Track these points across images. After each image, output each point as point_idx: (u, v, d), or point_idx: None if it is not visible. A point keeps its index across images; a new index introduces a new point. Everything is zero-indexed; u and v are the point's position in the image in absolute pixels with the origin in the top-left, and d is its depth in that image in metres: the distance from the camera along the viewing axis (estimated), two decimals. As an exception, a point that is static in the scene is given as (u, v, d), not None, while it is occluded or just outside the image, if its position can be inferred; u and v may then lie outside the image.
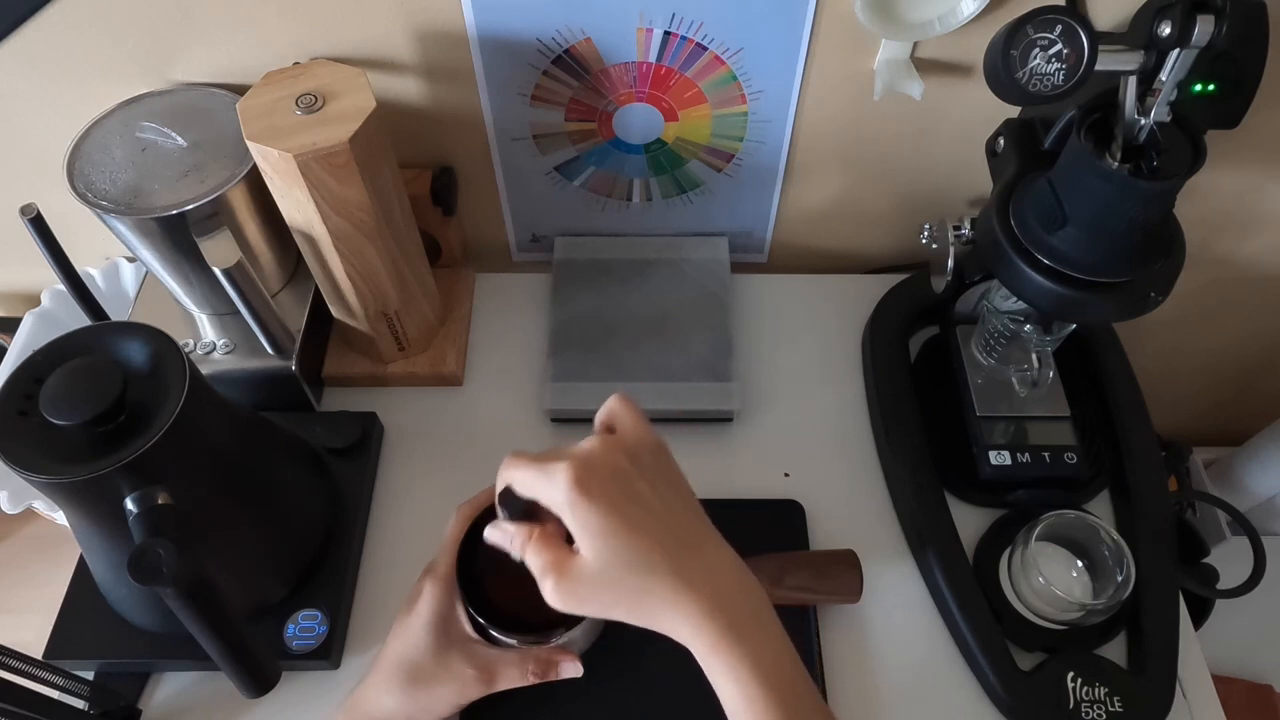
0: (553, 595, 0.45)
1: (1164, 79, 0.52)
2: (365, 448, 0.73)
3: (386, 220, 0.65)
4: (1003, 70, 0.50)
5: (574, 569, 0.44)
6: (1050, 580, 0.62)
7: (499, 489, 0.48)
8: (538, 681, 0.55)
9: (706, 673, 0.44)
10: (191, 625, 0.49)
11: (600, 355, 0.78)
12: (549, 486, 0.44)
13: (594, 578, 0.44)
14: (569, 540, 0.45)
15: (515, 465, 0.46)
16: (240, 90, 0.63)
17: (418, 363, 0.78)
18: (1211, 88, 0.54)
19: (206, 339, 0.73)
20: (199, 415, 0.52)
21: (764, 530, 0.69)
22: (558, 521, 0.46)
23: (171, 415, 0.49)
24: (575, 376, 0.76)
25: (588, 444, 0.46)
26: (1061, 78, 0.51)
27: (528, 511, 0.47)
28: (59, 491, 0.49)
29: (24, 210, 0.60)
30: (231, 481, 0.58)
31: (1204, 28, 0.49)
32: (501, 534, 0.48)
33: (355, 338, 0.77)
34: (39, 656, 0.60)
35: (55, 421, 0.48)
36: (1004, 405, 0.72)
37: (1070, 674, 0.62)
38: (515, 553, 0.47)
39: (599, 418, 0.49)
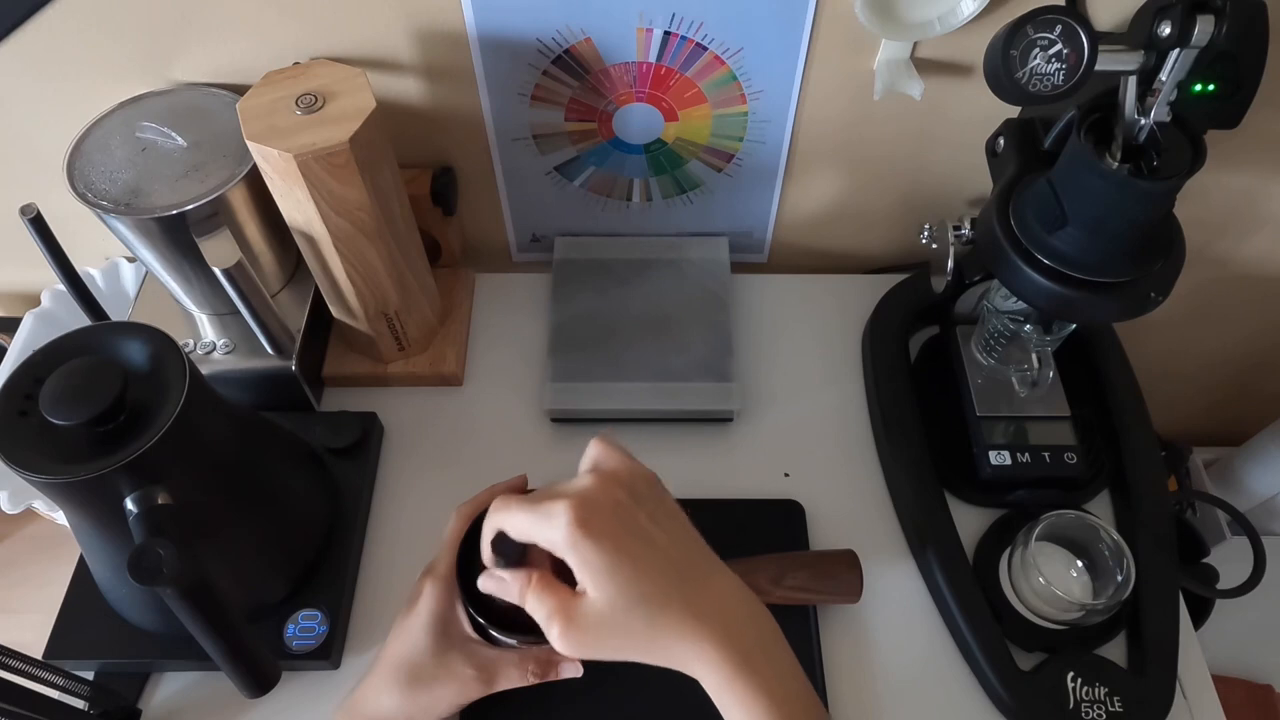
0: (560, 642, 0.43)
1: (1164, 79, 0.52)
2: (365, 448, 0.73)
3: (386, 220, 0.65)
4: (1003, 70, 0.50)
5: (581, 613, 0.43)
6: (1050, 580, 0.62)
7: (489, 535, 0.46)
8: (538, 681, 0.55)
9: (719, 706, 0.44)
10: (191, 625, 0.49)
11: (600, 355, 0.78)
12: (548, 528, 0.43)
13: (602, 619, 0.43)
14: (565, 580, 0.44)
15: (507, 510, 0.44)
16: (240, 90, 0.63)
17: (418, 363, 0.79)
18: (1211, 88, 0.54)
19: (206, 339, 0.73)
20: (199, 415, 0.52)
21: (764, 530, 0.70)
22: (551, 564, 0.45)
23: (171, 415, 0.49)
24: (575, 376, 0.76)
25: (583, 481, 0.45)
26: (1061, 78, 0.51)
27: (522, 556, 0.46)
28: (59, 491, 0.49)
29: (24, 210, 0.60)
30: (231, 481, 0.58)
31: (1204, 28, 0.49)
32: (498, 583, 0.47)
33: (355, 338, 0.77)
34: (39, 656, 0.60)
35: (55, 421, 0.48)
36: (1004, 405, 0.72)
37: (1070, 674, 0.62)
38: (515, 600, 0.46)
39: (584, 463, 0.48)
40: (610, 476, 0.45)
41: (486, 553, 0.47)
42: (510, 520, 0.44)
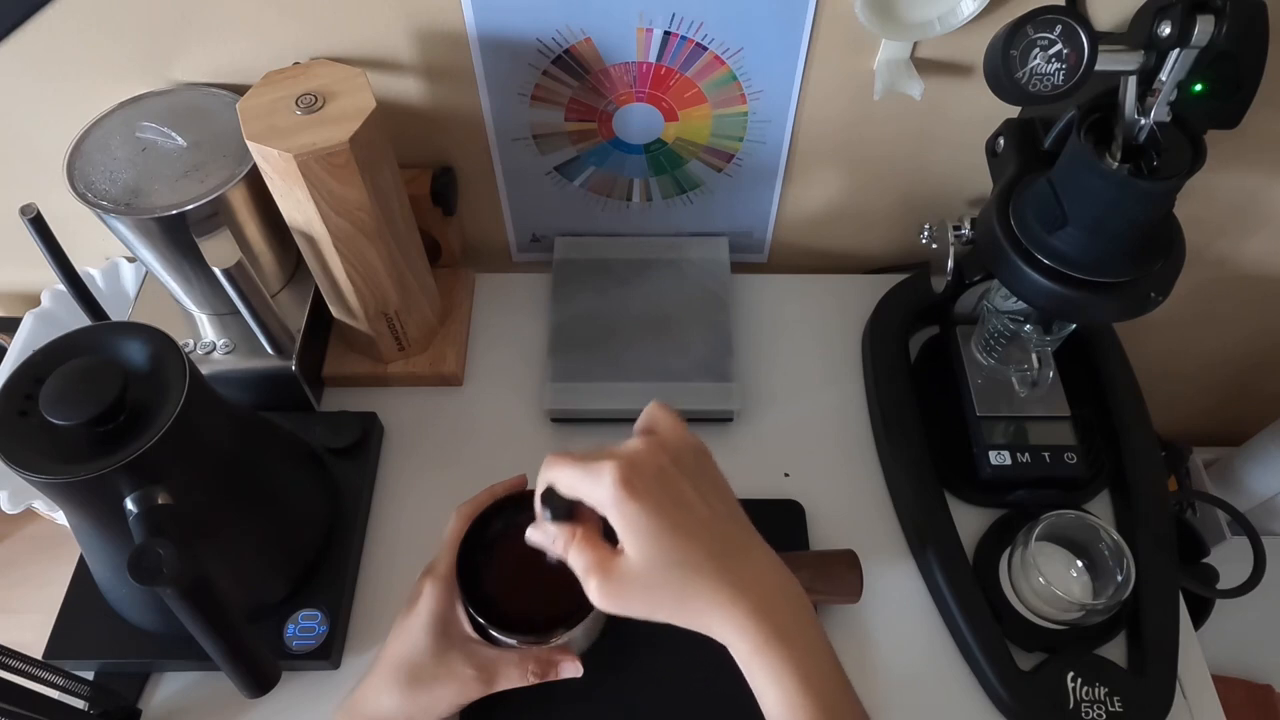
0: (597, 595, 0.44)
1: (1164, 79, 0.52)
2: (365, 448, 0.73)
3: (386, 220, 0.65)
4: (1003, 70, 0.50)
5: (618, 569, 0.44)
6: (1050, 580, 0.62)
7: (540, 489, 0.47)
8: (538, 681, 0.55)
9: (748, 676, 0.44)
10: (191, 625, 0.49)
11: (600, 355, 0.78)
12: (594, 486, 0.44)
13: (638, 578, 0.44)
14: (611, 541, 0.45)
15: (558, 465, 0.45)
16: (240, 90, 0.63)
17: (418, 363, 0.78)
18: (1211, 88, 0.54)
19: (206, 339, 0.73)
20: (199, 415, 0.52)
21: (764, 530, 0.69)
22: (596, 522, 0.45)
23: (171, 415, 0.49)
24: (575, 376, 0.76)
25: (632, 444, 0.46)
26: (1061, 78, 0.51)
27: (570, 512, 0.47)
28: (59, 491, 0.49)
29: (24, 210, 0.60)
30: (231, 481, 0.58)
31: (1204, 28, 0.49)
32: (544, 534, 0.47)
33: (355, 338, 0.77)
34: (39, 656, 0.60)
35: (55, 421, 0.48)
36: (1004, 405, 0.72)
37: (1070, 674, 0.62)
38: (557, 553, 0.47)
39: (639, 424, 0.49)
40: (659, 442, 0.46)
41: (537, 506, 0.48)
42: (560, 475, 0.45)
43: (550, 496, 0.47)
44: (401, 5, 0.66)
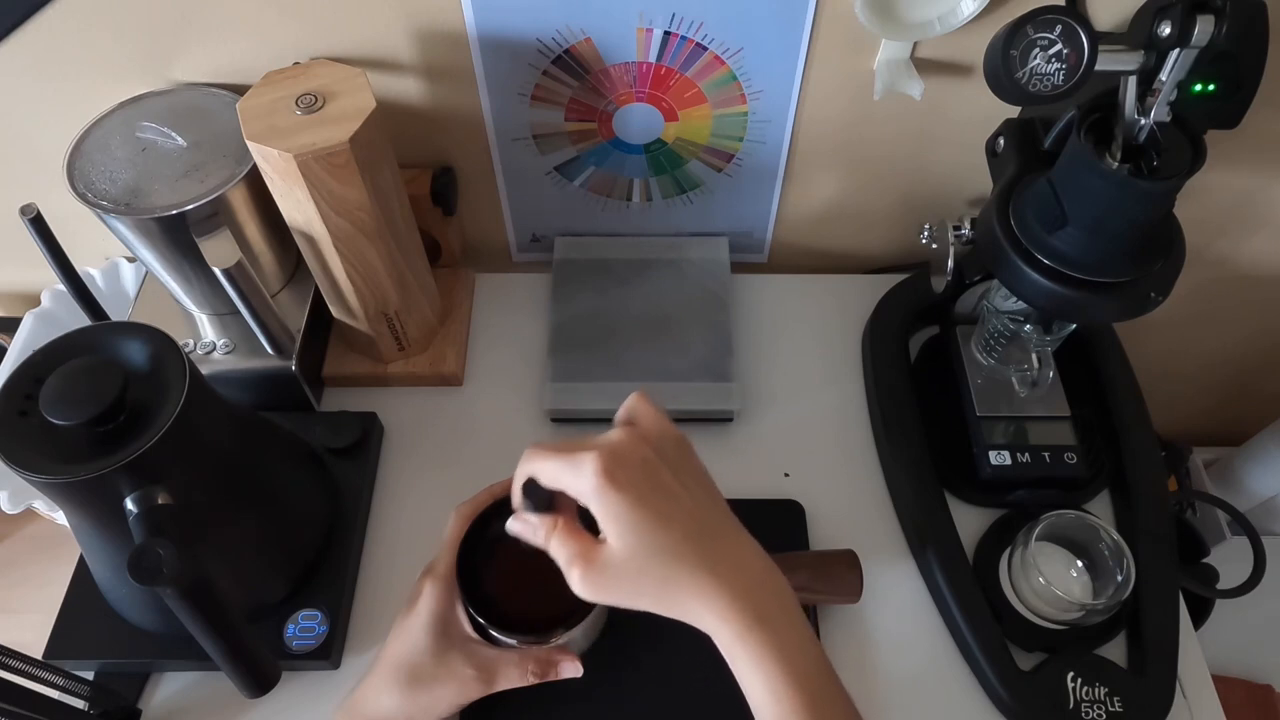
0: (579, 585, 0.45)
1: (1164, 79, 0.52)
2: (365, 448, 0.73)
3: (386, 220, 0.65)
4: (1003, 70, 0.50)
5: (600, 558, 0.44)
6: (1050, 580, 0.62)
7: (520, 480, 0.47)
8: (538, 681, 0.55)
9: (730, 663, 0.44)
10: (191, 625, 0.49)
11: (600, 355, 0.78)
12: (575, 476, 0.44)
13: (620, 567, 0.44)
14: (590, 529, 0.45)
15: (539, 456, 0.46)
16: (240, 90, 0.63)
17: (418, 363, 0.79)
18: (1211, 88, 0.54)
19: (206, 339, 0.73)
20: (199, 415, 0.52)
21: (764, 530, 0.69)
22: (577, 513, 0.46)
23: (171, 415, 0.49)
24: (575, 376, 0.76)
25: (613, 435, 0.46)
26: (1061, 78, 0.51)
27: (550, 503, 0.47)
28: (59, 491, 0.49)
29: (24, 210, 0.60)
30: (231, 481, 0.58)
31: (1204, 28, 0.49)
32: (525, 525, 0.48)
33: (355, 338, 0.77)
34: (39, 656, 0.60)
35: (55, 421, 0.48)
36: (1004, 405, 0.72)
37: (1070, 674, 0.62)
38: (539, 544, 0.47)
39: (619, 415, 0.49)
40: (639, 433, 0.46)
41: (517, 497, 0.48)
42: (541, 466, 0.45)
43: (531, 487, 0.47)
44: (401, 5, 0.66)
